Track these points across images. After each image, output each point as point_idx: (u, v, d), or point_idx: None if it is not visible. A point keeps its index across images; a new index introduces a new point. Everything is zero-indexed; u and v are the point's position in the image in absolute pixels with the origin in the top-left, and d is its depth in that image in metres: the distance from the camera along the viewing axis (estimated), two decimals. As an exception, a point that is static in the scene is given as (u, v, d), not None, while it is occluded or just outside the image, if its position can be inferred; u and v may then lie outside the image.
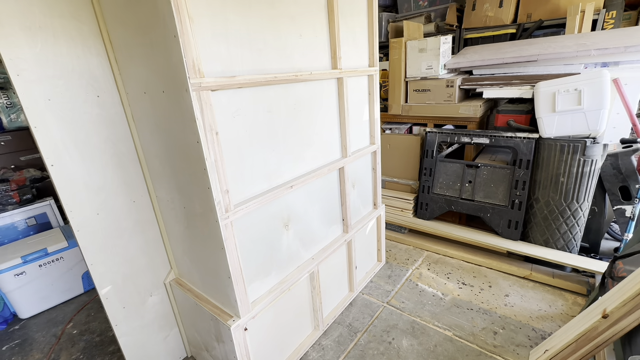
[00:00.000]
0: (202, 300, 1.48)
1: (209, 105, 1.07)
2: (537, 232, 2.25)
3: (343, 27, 1.62)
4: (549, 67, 2.36)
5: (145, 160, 1.44)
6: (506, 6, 3.31)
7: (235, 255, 1.26)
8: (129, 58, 1.22)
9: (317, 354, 1.76)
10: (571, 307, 1.94)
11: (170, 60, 1.02)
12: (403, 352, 1.72)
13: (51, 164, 1.19)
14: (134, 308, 1.53)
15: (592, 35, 2.49)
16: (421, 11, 3.89)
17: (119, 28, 1.19)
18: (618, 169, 2.06)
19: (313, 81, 1.52)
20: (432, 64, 2.62)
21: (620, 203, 2.10)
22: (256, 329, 1.45)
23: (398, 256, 2.57)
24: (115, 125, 1.33)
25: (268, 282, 1.50)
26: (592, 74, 1.97)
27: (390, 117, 2.99)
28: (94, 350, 1.91)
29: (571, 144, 2.01)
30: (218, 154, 1.13)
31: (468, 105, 2.56)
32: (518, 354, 1.66)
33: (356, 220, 2.07)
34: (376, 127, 2.05)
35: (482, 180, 2.42)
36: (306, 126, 1.54)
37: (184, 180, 1.26)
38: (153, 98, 1.20)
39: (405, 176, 2.88)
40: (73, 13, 1.16)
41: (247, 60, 1.21)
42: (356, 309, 2.05)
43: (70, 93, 1.19)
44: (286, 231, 1.54)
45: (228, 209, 1.20)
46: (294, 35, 1.38)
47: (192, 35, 0.99)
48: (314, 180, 1.63)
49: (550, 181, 2.13)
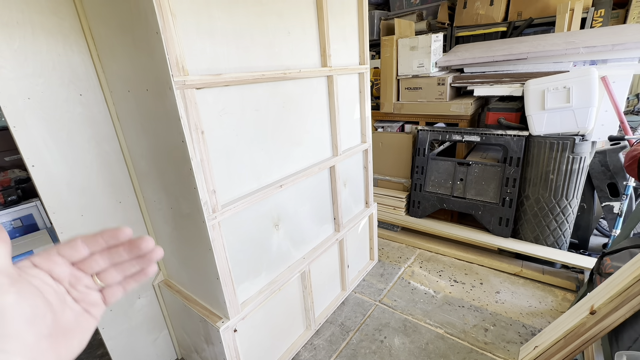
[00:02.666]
0: (191, 301, 1.46)
1: (194, 104, 1.05)
2: (528, 229, 2.26)
3: (333, 24, 1.61)
4: (539, 65, 2.38)
5: (131, 160, 1.41)
6: (497, 4, 3.32)
7: (224, 256, 1.24)
8: (112, 55, 1.19)
9: (309, 354, 1.75)
10: (561, 303, 1.96)
11: (153, 58, 1.00)
12: (395, 351, 1.72)
13: (32, 164, 1.15)
14: (122, 310, 1.50)
15: (580, 34, 2.51)
16: (413, 9, 3.89)
17: (101, 25, 1.16)
18: (606, 166, 2.08)
19: (302, 79, 1.51)
20: (423, 62, 2.62)
21: (609, 200, 2.13)
22: (246, 330, 1.44)
23: (390, 254, 2.57)
24: (99, 125, 1.30)
25: (258, 283, 1.48)
26: (581, 71, 1.99)
27: (382, 115, 2.99)
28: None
29: (560, 141, 2.03)
30: (204, 154, 1.11)
31: (459, 103, 2.57)
32: (508, 351, 1.67)
33: (348, 219, 2.07)
34: (367, 125, 2.05)
35: (473, 178, 2.43)
36: (296, 125, 1.52)
37: (170, 181, 1.24)
38: (137, 96, 1.17)
39: (398, 174, 2.88)
40: (53, 9, 1.12)
41: (234, 58, 1.19)
42: (348, 308, 2.05)
43: (50, 91, 1.16)
44: (276, 231, 1.53)
45: (215, 209, 1.18)
46: (282, 32, 1.36)
47: (175, 31, 0.97)
48: (305, 179, 1.62)
49: (540, 178, 2.14)
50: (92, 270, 0.37)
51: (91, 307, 0.37)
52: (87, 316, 0.37)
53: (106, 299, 0.39)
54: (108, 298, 0.39)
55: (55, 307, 0.33)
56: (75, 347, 0.35)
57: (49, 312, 0.33)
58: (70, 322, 0.35)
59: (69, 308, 0.35)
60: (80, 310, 0.36)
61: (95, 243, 0.37)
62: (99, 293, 0.38)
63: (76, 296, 0.36)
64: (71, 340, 0.34)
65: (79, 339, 0.35)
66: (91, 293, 0.37)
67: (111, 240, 0.37)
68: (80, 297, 0.37)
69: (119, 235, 0.37)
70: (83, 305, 0.37)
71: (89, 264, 0.37)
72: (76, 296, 0.36)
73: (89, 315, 0.37)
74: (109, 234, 0.37)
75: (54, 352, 0.32)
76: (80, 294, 0.37)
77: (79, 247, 0.36)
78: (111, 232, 0.37)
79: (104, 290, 0.39)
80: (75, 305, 0.36)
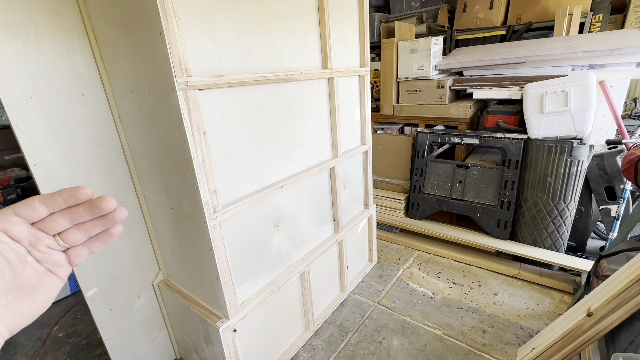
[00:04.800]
0: (190, 301, 1.47)
1: (196, 105, 1.06)
2: (526, 231, 2.28)
3: (334, 27, 1.62)
4: (538, 69, 2.40)
5: (132, 160, 1.41)
6: (496, 8, 3.35)
7: (224, 256, 1.25)
8: (115, 56, 1.19)
9: (307, 355, 1.75)
10: (558, 305, 1.97)
11: (156, 59, 1.01)
12: (393, 352, 1.73)
13: (34, 163, 1.16)
14: (121, 310, 1.50)
15: (579, 38, 2.53)
16: (413, 12, 3.91)
17: (104, 25, 1.17)
18: (604, 169, 2.10)
19: (303, 81, 1.52)
20: (423, 65, 2.63)
21: (606, 203, 2.14)
22: (246, 330, 1.44)
23: (389, 256, 2.58)
24: (100, 125, 1.30)
25: (258, 283, 1.49)
26: (579, 76, 2.01)
27: (382, 117, 3.00)
28: (80, 354, 1.88)
29: (558, 144, 2.05)
30: (206, 154, 1.12)
31: (458, 106, 2.58)
32: (506, 352, 1.68)
33: (347, 220, 2.07)
34: (367, 127, 2.06)
35: (472, 180, 2.44)
36: (297, 126, 1.53)
37: (172, 181, 1.25)
38: (139, 97, 1.18)
39: (397, 176, 2.89)
40: (56, 9, 1.13)
41: (236, 59, 1.20)
42: (347, 309, 2.05)
43: (53, 91, 1.16)
44: (276, 231, 1.53)
45: (216, 209, 1.19)
46: (284, 34, 1.37)
47: (179, 33, 0.98)
48: (305, 181, 1.62)
49: (538, 181, 2.16)
50: (54, 230, 0.37)
51: (55, 267, 0.38)
52: (52, 275, 0.37)
53: (71, 260, 0.39)
54: (73, 259, 0.39)
55: (14, 265, 0.34)
56: (39, 303, 0.35)
57: (8, 269, 0.33)
58: (32, 280, 0.35)
59: (31, 267, 0.36)
60: (43, 270, 0.37)
61: (54, 203, 0.36)
62: (62, 254, 0.39)
63: (38, 256, 0.36)
64: (33, 296, 0.35)
65: (43, 296, 0.36)
66: (54, 253, 0.38)
67: (70, 199, 0.36)
68: (43, 257, 0.37)
69: (78, 194, 0.36)
70: (46, 266, 0.37)
71: (49, 224, 0.37)
72: (38, 256, 0.36)
73: (53, 275, 0.37)
74: (68, 193, 0.36)
75: (15, 307, 0.33)
76: (43, 254, 0.37)
77: (37, 206, 0.35)
78: (70, 191, 0.36)
79: (68, 251, 0.39)
80: (37, 265, 0.36)
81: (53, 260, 0.38)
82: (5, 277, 0.33)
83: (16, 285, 0.34)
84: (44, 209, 0.36)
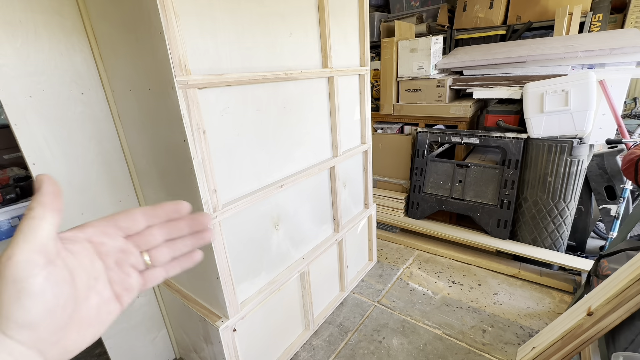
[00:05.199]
0: (190, 301, 1.46)
1: (196, 104, 1.06)
2: (526, 231, 2.28)
3: (334, 26, 1.62)
4: (538, 68, 2.40)
5: (131, 159, 1.41)
6: (496, 7, 3.34)
7: (224, 256, 1.25)
8: (114, 55, 1.19)
9: (307, 354, 1.75)
10: (558, 304, 1.97)
11: (156, 57, 1.00)
12: (393, 351, 1.73)
13: (32, 162, 1.15)
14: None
15: (579, 38, 2.53)
16: (413, 11, 3.91)
17: (104, 24, 1.17)
18: (604, 169, 2.10)
19: (303, 80, 1.51)
20: (423, 64, 2.63)
21: (606, 202, 2.14)
22: (245, 330, 1.44)
23: (389, 255, 2.58)
24: (100, 123, 1.30)
25: (258, 283, 1.49)
26: (579, 75, 2.01)
27: (382, 117, 3.00)
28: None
29: (558, 144, 2.04)
30: (205, 153, 1.12)
31: (458, 105, 2.58)
32: (506, 352, 1.68)
33: (347, 219, 2.07)
34: (367, 126, 2.05)
35: (472, 179, 2.44)
36: (296, 125, 1.53)
37: (171, 180, 1.24)
38: (139, 96, 1.17)
39: (397, 175, 2.89)
40: (56, 8, 1.13)
41: (236, 58, 1.19)
42: (347, 309, 2.05)
43: (52, 90, 1.16)
44: (276, 231, 1.53)
45: (216, 208, 1.18)
46: (284, 33, 1.37)
47: (178, 31, 0.97)
48: (305, 180, 1.62)
49: (538, 181, 2.16)
50: (149, 245, 0.34)
51: (125, 291, 0.33)
52: (113, 304, 0.33)
53: (146, 281, 0.35)
54: (148, 280, 0.35)
55: (80, 295, 0.30)
56: (87, 340, 0.31)
57: (72, 302, 0.29)
58: (90, 313, 0.31)
59: (96, 294, 0.31)
60: (108, 297, 0.32)
61: (155, 216, 0.34)
62: (139, 276, 0.35)
63: (115, 277, 0.32)
64: (84, 332, 0.30)
65: (93, 330, 0.31)
66: (132, 274, 0.34)
67: (173, 213, 0.35)
68: (120, 278, 0.33)
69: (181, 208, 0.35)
70: (117, 289, 0.33)
71: (145, 238, 0.34)
72: (115, 277, 0.32)
73: (116, 303, 0.33)
74: (172, 207, 0.34)
75: (62, 345, 0.29)
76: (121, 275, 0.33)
77: (138, 218, 0.33)
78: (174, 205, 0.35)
79: (145, 272, 0.35)
80: (105, 289, 0.32)
81: (128, 283, 0.33)
82: (67, 310, 0.28)
83: (73, 319, 0.29)
84: (143, 222, 0.34)
